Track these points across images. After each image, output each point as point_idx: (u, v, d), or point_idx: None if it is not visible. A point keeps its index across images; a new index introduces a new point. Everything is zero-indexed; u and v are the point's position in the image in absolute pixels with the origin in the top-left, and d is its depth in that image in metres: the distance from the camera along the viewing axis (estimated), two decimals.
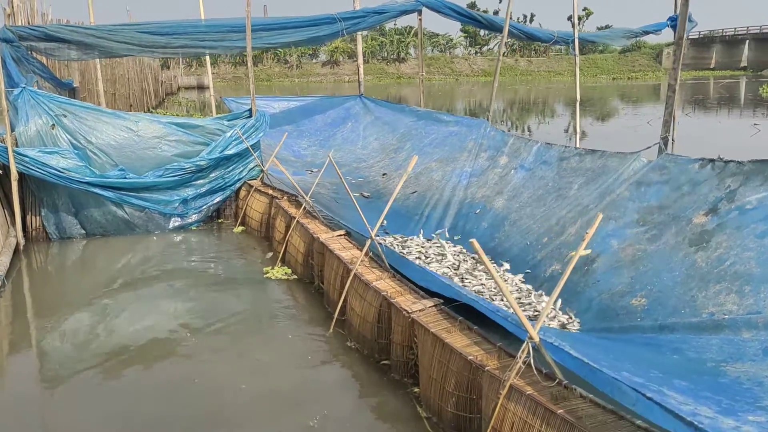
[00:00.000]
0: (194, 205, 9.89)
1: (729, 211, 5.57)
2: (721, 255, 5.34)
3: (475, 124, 10.49)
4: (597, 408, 3.55)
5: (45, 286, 8.00)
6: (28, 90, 9.14)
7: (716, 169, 5.96)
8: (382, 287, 5.59)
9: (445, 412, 4.45)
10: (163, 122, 9.75)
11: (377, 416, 4.73)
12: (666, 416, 2.95)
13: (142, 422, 4.60)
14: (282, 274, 7.73)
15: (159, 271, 8.31)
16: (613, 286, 5.92)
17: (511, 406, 3.82)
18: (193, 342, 5.99)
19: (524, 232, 7.68)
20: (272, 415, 4.77)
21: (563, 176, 7.93)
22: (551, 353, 3.90)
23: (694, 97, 38.96)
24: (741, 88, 47.38)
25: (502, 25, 12.67)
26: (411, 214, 9.32)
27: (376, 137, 13.12)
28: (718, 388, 3.82)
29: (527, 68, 70.12)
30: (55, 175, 8.79)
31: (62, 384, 5.21)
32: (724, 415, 3.16)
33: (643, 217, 6.27)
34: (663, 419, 2.98)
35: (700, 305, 5.13)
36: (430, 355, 4.62)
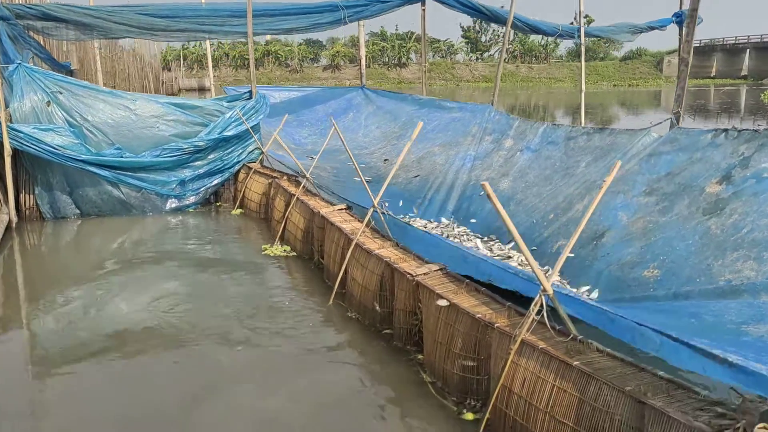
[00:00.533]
0: (192, 187, 9.69)
1: (744, 179, 5.36)
2: (737, 222, 5.13)
3: (479, 109, 10.30)
4: (615, 360, 3.34)
5: (38, 265, 7.78)
6: (24, 66, 8.96)
7: (729, 138, 5.77)
8: (385, 255, 5.38)
9: (451, 376, 4.23)
10: (161, 102, 9.57)
11: (380, 382, 4.51)
12: (693, 357, 2.74)
13: (136, 401, 4.26)
14: (281, 252, 7.53)
15: (155, 252, 8.07)
16: (623, 258, 5.71)
17: (522, 362, 3.61)
18: (189, 321, 5.63)
19: (530, 210, 7.47)
20: (269, 381, 4.55)
21: (570, 155, 7.73)
22: (565, 306, 3.70)
23: (696, 102, 38.85)
24: (742, 95, 47.29)
25: (506, 17, 12.53)
26: (413, 198, 9.12)
27: (378, 126, 12.94)
28: (742, 344, 3.61)
29: (528, 74, 70.04)
30: (49, 152, 8.59)
31: (53, 365, 4.85)
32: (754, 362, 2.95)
33: (654, 188, 6.07)
34: (690, 361, 2.77)
35: (717, 273, 4.92)
36: (436, 318, 4.41)
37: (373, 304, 5.37)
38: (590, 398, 3.18)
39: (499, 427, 3.71)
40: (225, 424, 3.95)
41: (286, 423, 4.00)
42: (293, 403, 4.23)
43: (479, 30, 72.20)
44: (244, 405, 4.19)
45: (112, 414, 4.08)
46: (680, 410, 2.78)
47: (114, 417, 4.03)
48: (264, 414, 4.10)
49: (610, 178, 3.71)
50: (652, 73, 69.56)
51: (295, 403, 4.23)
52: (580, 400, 3.23)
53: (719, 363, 2.58)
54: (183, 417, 4.03)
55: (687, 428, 2.68)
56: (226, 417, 4.03)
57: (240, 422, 3.98)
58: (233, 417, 4.04)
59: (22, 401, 4.33)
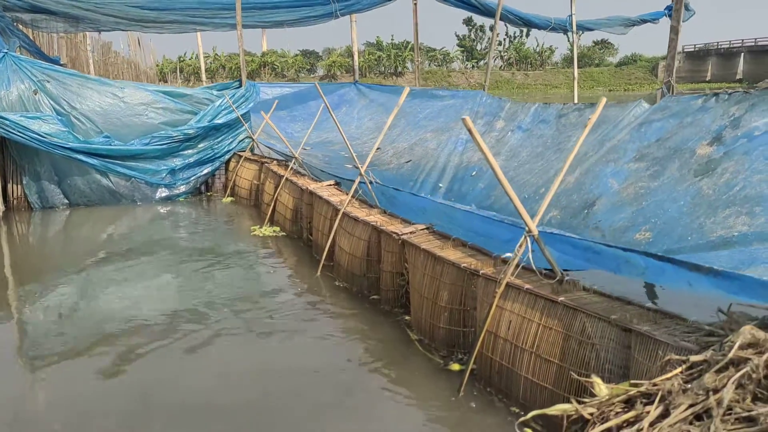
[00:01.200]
0: (182, 176, 9.60)
1: (736, 138, 5.28)
2: (729, 181, 5.04)
3: (471, 95, 10.26)
4: (602, 296, 3.25)
5: (26, 255, 7.62)
6: (11, 55, 8.90)
7: (720, 101, 5.70)
8: (372, 220, 5.28)
9: (437, 330, 4.13)
10: (149, 90, 9.50)
11: (368, 343, 4.40)
12: (679, 273, 2.65)
13: (129, 391, 3.89)
14: (270, 232, 7.44)
15: (146, 241, 7.90)
16: (614, 224, 5.62)
17: (507, 305, 3.51)
18: (181, 306, 5.36)
19: (522, 186, 7.38)
20: (259, 344, 4.45)
21: (562, 132, 7.65)
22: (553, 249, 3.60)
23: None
24: None
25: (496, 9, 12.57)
26: (405, 181, 9.03)
27: (371, 118, 12.89)
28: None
29: (524, 81, 70.19)
30: (36, 140, 8.50)
31: (42, 355, 4.50)
32: None
33: (644, 154, 5.98)
34: (676, 278, 2.68)
35: (708, 230, 4.82)
36: (422, 273, 4.31)
37: (361, 270, 5.27)
38: (576, 332, 3.08)
39: (485, 372, 3.61)
40: (216, 391, 3.84)
41: (277, 379, 3.89)
42: (286, 363, 4.12)
43: (474, 38, 72.47)
44: (235, 371, 4.08)
45: (105, 405, 3.74)
46: (667, 333, 2.68)
47: (107, 408, 3.70)
48: (254, 374, 3.99)
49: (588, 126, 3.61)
50: (647, 78, 69.72)
51: (288, 363, 4.13)
52: (566, 336, 3.13)
53: (704, 274, 2.48)
54: (188, 400, 3.88)
55: (674, 349, 2.58)
56: (217, 385, 3.92)
57: (231, 384, 3.87)
58: (224, 382, 3.93)
59: (11, 393, 3.96)
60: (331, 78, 68.32)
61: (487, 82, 10.23)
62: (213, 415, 3.46)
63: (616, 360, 2.92)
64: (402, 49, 69.71)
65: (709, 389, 2.01)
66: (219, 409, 3.50)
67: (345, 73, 68.35)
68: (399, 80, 69.08)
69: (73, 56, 15.56)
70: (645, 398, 2.30)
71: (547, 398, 3.18)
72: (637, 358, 2.77)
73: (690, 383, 2.18)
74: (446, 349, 4.07)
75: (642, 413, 2.22)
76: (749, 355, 2.01)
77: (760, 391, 1.93)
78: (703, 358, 2.20)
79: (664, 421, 2.05)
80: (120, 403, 3.67)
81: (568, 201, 6.44)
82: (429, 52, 71.78)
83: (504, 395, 3.47)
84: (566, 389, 3.06)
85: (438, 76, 69.70)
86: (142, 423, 3.42)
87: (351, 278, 5.44)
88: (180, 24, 11.13)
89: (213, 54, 63.51)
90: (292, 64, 67.94)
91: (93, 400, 3.72)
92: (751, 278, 2.33)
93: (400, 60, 69.59)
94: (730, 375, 2.01)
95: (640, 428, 2.10)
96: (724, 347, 2.16)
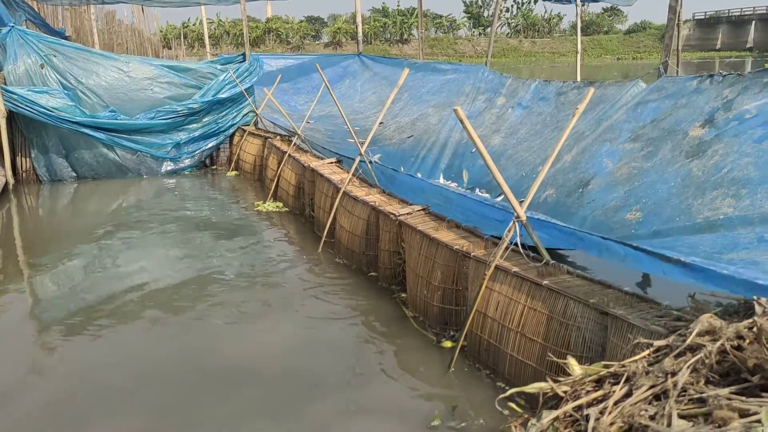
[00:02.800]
0: (187, 150, 9.76)
1: (727, 121, 5.41)
2: (718, 163, 5.19)
3: (473, 70, 10.32)
4: (584, 280, 3.43)
5: (36, 227, 7.85)
6: (17, 29, 9.00)
7: (715, 83, 5.81)
8: (371, 200, 5.46)
9: (431, 308, 4.33)
10: (154, 64, 9.61)
11: (364, 318, 4.61)
12: (653, 262, 2.83)
13: (141, 361, 4.12)
14: (273, 208, 7.62)
15: (152, 214, 8.09)
16: (607, 203, 5.78)
17: (496, 287, 3.70)
18: (187, 277, 5.61)
19: (520, 164, 7.53)
20: (263, 321, 4.67)
21: (561, 110, 7.77)
22: (540, 233, 3.77)
23: (699, 73, 38.52)
24: (747, 67, 46.87)
25: None
26: (407, 157, 9.19)
27: (374, 91, 12.95)
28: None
29: (531, 49, 69.50)
30: (44, 114, 8.66)
31: (54, 326, 4.71)
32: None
33: (639, 134, 6.11)
34: (651, 266, 2.86)
35: (696, 211, 4.99)
36: (417, 253, 4.50)
37: (360, 248, 5.46)
38: (558, 314, 3.27)
39: (475, 350, 3.82)
40: (224, 362, 4.07)
41: (277, 352, 4.11)
42: (285, 336, 4.35)
43: (481, 5, 71.58)
44: (240, 341, 4.31)
45: (118, 373, 3.95)
46: (640, 317, 2.87)
47: (120, 375, 3.91)
48: (256, 346, 4.22)
49: (583, 104, 3.75)
50: (656, 46, 68.84)
51: (287, 337, 4.35)
52: (548, 317, 3.33)
53: (674, 265, 2.66)
54: (190, 365, 4.09)
55: (645, 332, 2.77)
56: (226, 353, 4.15)
57: (234, 354, 4.10)
58: (230, 351, 4.16)
59: (25, 364, 4.13)
60: (336, 45, 67.84)
61: (489, 57, 10.28)
62: (210, 382, 3.69)
63: (595, 340, 3.12)
64: (408, 15, 68.97)
65: (668, 372, 2.20)
66: (216, 377, 3.73)
67: (350, 39, 67.78)
68: (405, 47, 68.53)
69: (77, 26, 15.61)
70: (613, 378, 2.50)
71: (530, 375, 3.39)
72: (612, 339, 2.97)
73: (653, 365, 2.38)
74: (439, 326, 4.28)
75: (609, 392, 2.41)
76: (705, 342, 2.20)
77: (712, 375, 2.11)
78: (665, 342, 2.39)
79: (627, 401, 2.25)
80: (128, 367, 3.91)
81: (564, 180, 6.60)
82: (435, 19, 71.05)
83: (491, 371, 3.68)
84: (548, 367, 3.26)
85: (444, 43, 69.10)
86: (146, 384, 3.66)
87: (350, 255, 5.64)
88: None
89: (217, 20, 63.04)
90: (297, 31, 67.41)
91: (102, 366, 3.96)
92: (714, 271, 2.51)
93: (406, 27, 68.90)
94: (686, 360, 2.19)
95: (606, 406, 2.30)
96: (686, 333, 2.35)
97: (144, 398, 3.61)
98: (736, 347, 2.13)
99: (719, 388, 2.06)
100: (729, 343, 2.14)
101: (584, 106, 3.76)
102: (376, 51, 65.02)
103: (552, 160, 3.87)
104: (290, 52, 65.81)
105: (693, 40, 65.79)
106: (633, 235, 5.19)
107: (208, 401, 3.55)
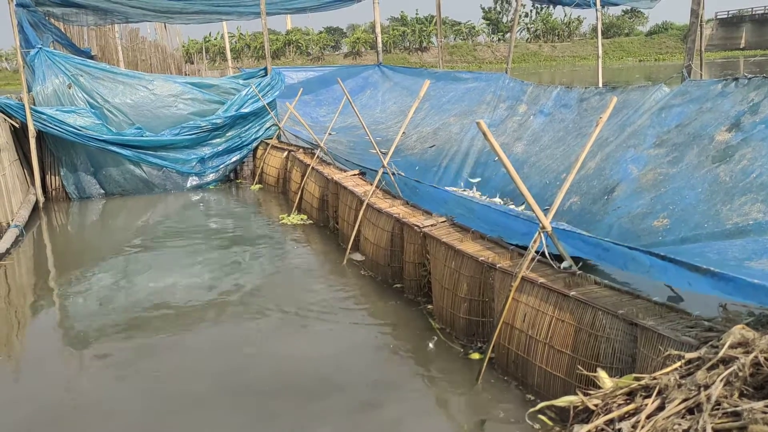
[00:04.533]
0: (211, 164, 9.88)
1: (754, 124, 5.33)
2: (746, 167, 5.11)
3: (493, 78, 10.31)
4: (611, 290, 3.41)
5: (66, 243, 7.99)
6: (45, 50, 9.20)
7: (740, 86, 5.73)
8: (395, 212, 5.48)
9: (458, 320, 4.33)
10: (178, 81, 9.76)
11: (392, 330, 4.63)
12: (680, 273, 2.80)
13: (173, 376, 4.16)
14: (298, 220, 7.68)
15: (179, 228, 8.24)
16: (633, 210, 5.73)
17: (522, 298, 3.69)
18: (216, 290, 5.70)
19: (543, 172, 7.49)
20: (285, 330, 4.71)
21: (584, 116, 7.72)
22: (565, 244, 3.76)
23: (724, 73, 38.03)
24: None
25: None
26: (429, 166, 9.19)
27: (395, 101, 12.99)
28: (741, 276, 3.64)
29: (551, 54, 69.18)
30: (72, 132, 8.83)
31: (87, 341, 4.77)
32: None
33: (664, 140, 6.05)
34: (677, 278, 2.83)
35: (725, 217, 4.92)
36: (443, 265, 4.50)
37: (385, 260, 5.48)
38: (586, 325, 3.25)
39: (503, 361, 3.80)
40: (246, 373, 4.11)
41: (307, 365, 4.14)
42: (315, 348, 4.40)
43: (500, 11, 71.47)
44: (273, 352, 4.35)
45: (147, 387, 4.03)
46: (670, 328, 2.84)
47: (152, 392, 3.98)
48: (286, 358, 4.26)
49: (606, 114, 3.73)
50: (678, 47, 68.10)
51: (317, 348, 4.41)
52: (577, 329, 3.31)
53: (702, 274, 2.63)
54: (221, 382, 4.14)
55: (676, 343, 2.74)
56: (246, 366, 4.19)
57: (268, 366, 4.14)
58: (253, 362, 4.20)
59: (58, 378, 4.21)
60: (356, 55, 68.18)
61: (509, 64, 10.27)
62: (242, 397, 3.72)
63: (625, 351, 3.09)
64: (427, 23, 69.10)
65: (701, 385, 2.18)
66: (251, 392, 3.77)
67: (369, 49, 68.09)
68: (424, 55, 68.63)
69: (102, 45, 15.91)
70: (645, 391, 2.48)
71: (560, 387, 3.37)
72: (643, 350, 2.94)
73: (686, 378, 2.35)
74: (466, 338, 4.27)
75: (641, 406, 2.40)
76: (737, 354, 2.18)
77: (746, 388, 2.09)
78: (697, 355, 2.37)
79: (660, 414, 2.23)
80: (160, 384, 3.97)
81: (588, 187, 6.55)
82: (454, 26, 71.04)
83: (520, 383, 3.67)
84: (577, 379, 3.24)
85: (463, 50, 69.08)
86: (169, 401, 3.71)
87: (376, 267, 5.66)
88: (205, 14, 11.37)
89: (238, 34, 63.76)
90: (317, 42, 67.87)
91: (134, 381, 4.02)
92: (743, 280, 2.48)
93: (425, 35, 69.01)
94: (719, 372, 2.17)
95: (638, 420, 2.29)
96: (718, 345, 2.33)
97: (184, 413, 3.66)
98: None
99: (754, 401, 2.04)
100: (763, 355, 2.12)
101: (607, 115, 3.75)
102: (396, 60, 65.21)
103: (576, 169, 3.85)
104: (310, 63, 66.31)
105: (716, 39, 64.93)
106: (660, 242, 5.14)
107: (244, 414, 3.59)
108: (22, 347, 4.91)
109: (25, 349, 4.89)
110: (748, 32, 65.51)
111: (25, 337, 5.15)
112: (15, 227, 7.39)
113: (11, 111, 8.65)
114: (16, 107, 8.65)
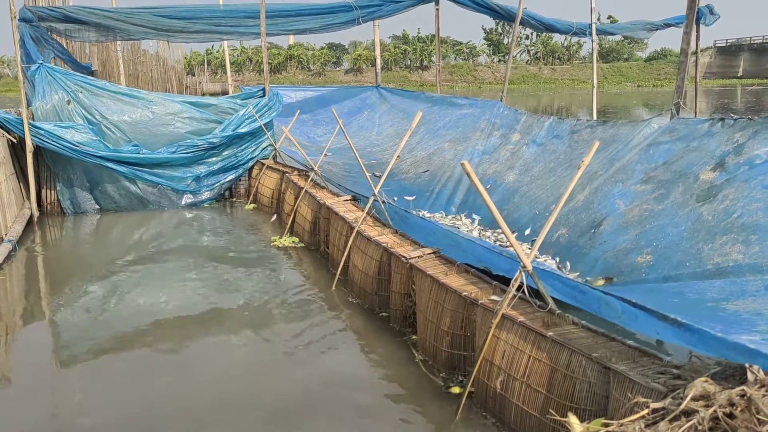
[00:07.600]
0: (207, 183, 9.97)
1: (737, 165, 5.44)
2: (728, 208, 5.22)
3: (488, 105, 10.44)
4: (588, 332, 3.48)
5: (59, 258, 8.05)
6: (45, 66, 9.32)
7: (726, 126, 5.85)
8: (384, 240, 5.56)
9: (440, 353, 4.39)
10: (176, 100, 9.88)
11: (375, 360, 4.69)
12: (649, 321, 2.88)
13: (156, 395, 4.26)
14: (289, 243, 7.75)
15: (172, 246, 8.31)
16: (618, 245, 5.82)
17: (502, 335, 3.76)
18: (204, 310, 5.79)
19: (533, 202, 7.60)
20: (269, 353, 4.77)
21: (575, 148, 7.84)
22: (545, 283, 3.83)
23: (720, 102, 38.38)
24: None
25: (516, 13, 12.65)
26: (422, 191, 9.29)
27: (391, 124, 13.12)
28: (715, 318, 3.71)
29: (551, 76, 69.71)
30: (69, 148, 8.92)
31: (77, 356, 4.89)
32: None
33: (651, 176, 6.16)
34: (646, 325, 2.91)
35: (706, 257, 5.02)
36: (427, 297, 4.58)
37: (372, 288, 5.55)
38: (562, 366, 3.33)
39: (482, 397, 3.87)
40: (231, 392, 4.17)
41: (280, 395, 4.20)
42: (296, 378, 4.45)
43: (501, 32, 72.05)
44: (250, 376, 4.40)
45: (136, 404, 4.12)
46: (641, 374, 2.91)
47: (138, 407, 4.07)
48: (269, 384, 4.31)
49: (588, 158, 3.83)
50: (677, 73, 68.64)
51: (294, 375, 4.46)
52: (552, 369, 3.38)
53: (670, 324, 2.71)
54: (204, 401, 4.21)
55: (645, 389, 2.81)
56: (232, 387, 4.24)
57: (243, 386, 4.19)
58: (238, 384, 4.25)
59: (47, 393, 4.34)
60: (357, 71, 68.62)
61: (504, 92, 10.41)
62: (225, 415, 3.77)
63: (599, 393, 3.16)
64: (428, 42, 69.61)
65: None
66: (236, 411, 3.82)
67: (371, 66, 68.52)
68: (424, 74, 69.08)
69: (104, 58, 16.05)
70: None
71: (535, 426, 3.43)
72: (615, 394, 3.01)
73: (650, 427, 2.42)
74: (447, 371, 4.33)
75: None
76: (698, 407, 2.25)
77: None
78: (662, 404, 2.44)
79: None
80: (147, 399, 4.02)
81: (576, 219, 6.65)
82: (455, 45, 71.62)
83: (498, 420, 3.72)
84: (551, 420, 3.31)
85: (464, 70, 69.59)
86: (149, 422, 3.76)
87: (363, 295, 5.73)
88: (206, 34, 11.49)
89: (240, 47, 64.14)
90: (318, 58, 68.31)
91: (122, 396, 4.07)
92: (707, 333, 2.56)
93: (426, 54, 69.50)
94: (681, 425, 2.24)
95: None
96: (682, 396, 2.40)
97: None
98: (728, 414, 2.18)
99: None
100: (721, 410, 2.19)
101: (589, 158, 3.85)
102: (396, 77, 65.67)
103: (563, 202, 3.94)
104: (311, 79, 66.72)
105: (714, 67, 65.56)
106: (643, 278, 5.23)
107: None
108: (9, 364, 4.96)
109: (11, 365, 4.95)
110: (746, 61, 66.14)
111: (13, 353, 5.21)
112: (8, 242, 7.46)
113: (9, 126, 8.75)
114: (14, 122, 8.74)
